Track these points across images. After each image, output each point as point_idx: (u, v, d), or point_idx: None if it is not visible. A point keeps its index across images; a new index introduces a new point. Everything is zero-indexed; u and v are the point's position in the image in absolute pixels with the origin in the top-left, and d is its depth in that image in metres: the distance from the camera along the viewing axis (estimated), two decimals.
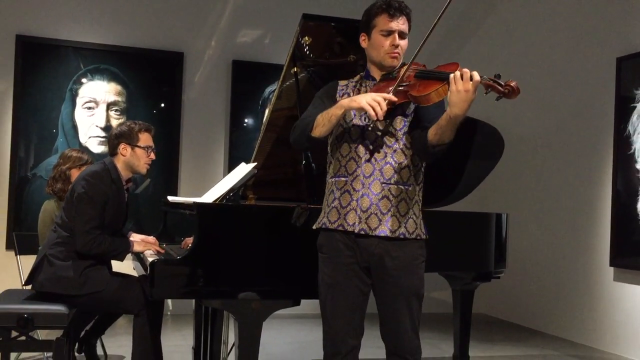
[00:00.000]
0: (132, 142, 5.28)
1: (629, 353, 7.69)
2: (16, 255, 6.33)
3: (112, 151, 5.34)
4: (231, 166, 8.75)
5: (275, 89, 5.40)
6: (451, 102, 3.43)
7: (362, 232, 3.75)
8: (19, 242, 6.42)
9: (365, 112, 3.58)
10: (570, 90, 8.67)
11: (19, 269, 6.29)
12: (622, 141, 7.76)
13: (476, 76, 3.37)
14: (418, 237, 3.87)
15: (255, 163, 5.29)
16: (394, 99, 3.57)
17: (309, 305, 4.68)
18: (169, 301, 8.90)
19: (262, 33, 9.79)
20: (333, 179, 3.89)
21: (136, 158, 5.31)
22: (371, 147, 3.79)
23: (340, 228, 3.79)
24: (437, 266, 4.04)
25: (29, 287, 5.22)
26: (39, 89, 8.86)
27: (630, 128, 7.65)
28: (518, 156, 9.16)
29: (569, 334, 8.61)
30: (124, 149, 5.27)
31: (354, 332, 3.86)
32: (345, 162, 3.83)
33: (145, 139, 5.35)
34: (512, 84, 3.35)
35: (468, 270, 5.80)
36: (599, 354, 7.87)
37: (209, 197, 5.12)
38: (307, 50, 5.21)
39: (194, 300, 6.11)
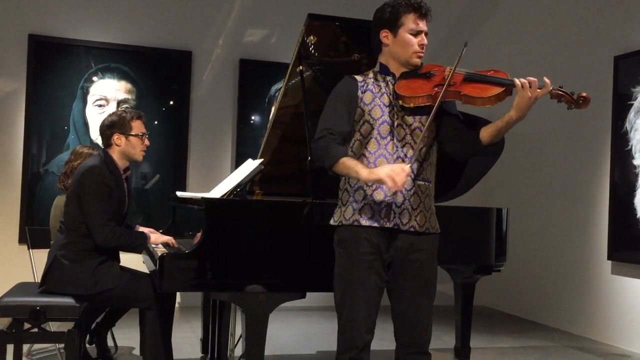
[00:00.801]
0: (126, 131, 5.22)
1: (626, 344, 7.68)
2: (29, 249, 6.33)
3: (106, 142, 5.28)
4: (238, 162, 8.74)
5: (281, 87, 5.39)
6: (518, 107, 3.60)
7: (395, 227, 3.76)
8: (32, 237, 6.42)
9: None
10: (569, 88, 8.59)
11: (32, 263, 6.30)
12: (620, 138, 7.74)
13: (547, 84, 3.60)
14: (437, 232, 3.94)
15: (262, 159, 5.29)
16: (409, 171, 3.59)
17: (314, 298, 4.68)
18: (178, 293, 8.90)
19: (268, 32, 9.78)
20: None
21: (131, 146, 5.25)
22: (400, 144, 3.77)
23: (376, 224, 3.75)
24: (439, 260, 4.03)
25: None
26: (51, 87, 8.85)
27: (627, 125, 7.64)
28: (518, 152, 9.14)
29: (568, 325, 8.60)
30: (118, 139, 5.21)
31: (370, 327, 3.85)
32: (374, 159, 3.78)
33: (137, 126, 5.29)
34: (584, 94, 3.66)
35: (469, 264, 5.81)
36: (596, 345, 7.86)
37: (217, 192, 5.12)
38: (312, 49, 5.20)
39: (202, 293, 6.11)
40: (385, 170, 3.50)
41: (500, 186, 9.72)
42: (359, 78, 3.95)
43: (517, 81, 3.55)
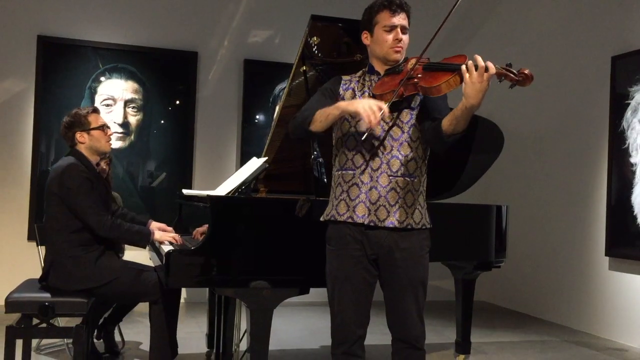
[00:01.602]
0: (85, 127, 5.23)
1: (624, 339, 7.68)
2: (37, 245, 6.32)
3: (72, 143, 5.28)
4: (243, 160, 8.75)
5: (285, 87, 5.38)
6: (466, 93, 3.35)
7: (372, 224, 3.73)
8: (40, 234, 6.40)
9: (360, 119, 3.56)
10: (568, 88, 8.65)
11: (40, 259, 6.29)
12: (617, 136, 7.74)
13: (491, 68, 3.31)
14: (423, 227, 3.86)
15: (266, 157, 5.28)
16: (386, 110, 3.54)
17: (317, 294, 4.67)
18: (184, 289, 8.91)
19: (272, 33, 9.78)
20: (340, 172, 3.85)
21: (96, 140, 5.26)
22: (378, 140, 3.75)
23: (350, 220, 3.75)
24: (440, 256, 4.04)
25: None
26: (59, 87, 8.86)
27: (624, 124, 7.63)
28: (518, 151, 9.14)
29: (567, 320, 8.59)
30: (80, 136, 5.22)
31: (361, 321, 3.85)
32: (352, 155, 3.79)
33: (95, 119, 5.29)
34: (526, 71, 3.32)
35: (470, 260, 5.81)
36: (594, 339, 7.85)
37: (222, 190, 5.11)
38: (315, 49, 5.19)
39: (207, 289, 6.11)
40: (363, 103, 3.50)
41: (500, 184, 9.71)
42: (345, 77, 4.00)
43: (462, 66, 3.37)
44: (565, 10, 8.87)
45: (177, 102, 9.43)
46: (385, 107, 3.51)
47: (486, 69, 3.30)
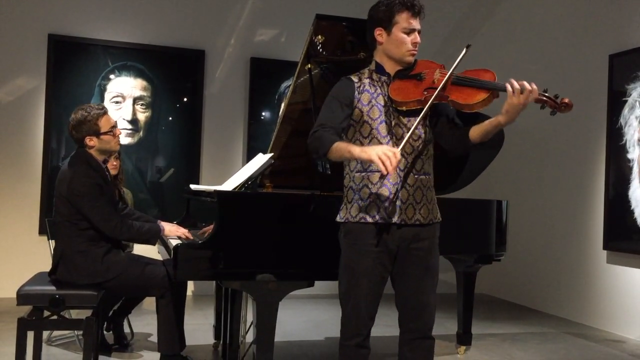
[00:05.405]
0: (95, 132, 5.08)
1: (621, 330, 7.66)
2: (48, 240, 6.31)
3: (80, 144, 5.14)
4: (249, 156, 8.74)
5: (290, 84, 5.37)
6: (507, 112, 3.54)
7: (402, 223, 3.72)
8: (51, 228, 6.39)
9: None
10: (566, 86, 8.62)
11: (51, 253, 6.28)
12: (614, 133, 7.72)
13: (535, 90, 3.48)
14: (439, 221, 3.92)
15: (272, 153, 5.28)
16: (400, 157, 3.44)
17: (322, 286, 4.66)
18: (191, 282, 8.90)
19: (278, 32, 9.76)
20: (364, 173, 3.76)
21: (105, 143, 5.12)
22: (400, 142, 3.70)
23: (382, 221, 3.70)
24: (442, 250, 4.00)
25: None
26: (69, 85, 8.85)
27: (621, 120, 7.61)
28: (518, 147, 9.12)
29: (565, 312, 8.58)
30: (90, 140, 5.07)
31: (373, 314, 3.85)
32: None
33: (105, 123, 5.14)
34: (566, 100, 3.48)
35: (471, 254, 5.82)
36: (592, 331, 7.83)
37: (229, 185, 5.10)
38: (320, 48, 5.18)
39: (214, 282, 6.10)
40: (377, 150, 3.39)
41: (501, 179, 9.69)
42: (355, 79, 3.87)
43: (508, 87, 3.48)
44: (564, 10, 8.85)
45: (185, 99, 9.42)
46: (398, 153, 3.42)
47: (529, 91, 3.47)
